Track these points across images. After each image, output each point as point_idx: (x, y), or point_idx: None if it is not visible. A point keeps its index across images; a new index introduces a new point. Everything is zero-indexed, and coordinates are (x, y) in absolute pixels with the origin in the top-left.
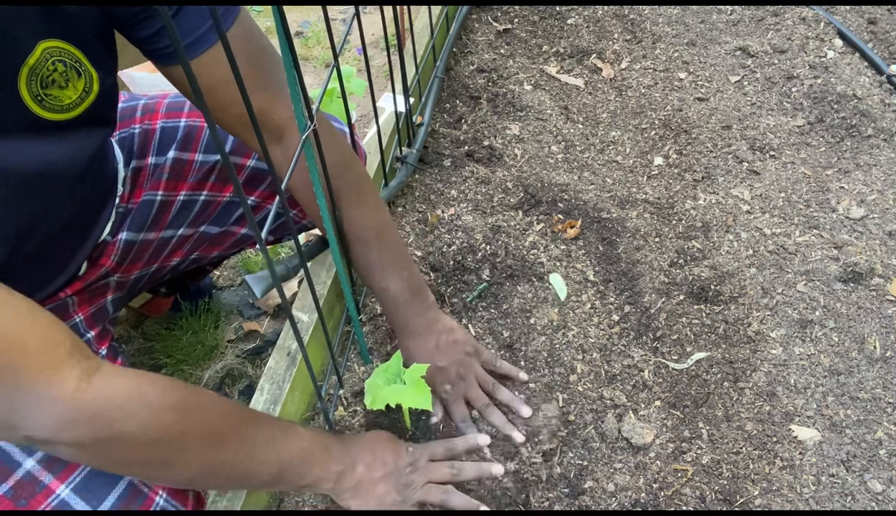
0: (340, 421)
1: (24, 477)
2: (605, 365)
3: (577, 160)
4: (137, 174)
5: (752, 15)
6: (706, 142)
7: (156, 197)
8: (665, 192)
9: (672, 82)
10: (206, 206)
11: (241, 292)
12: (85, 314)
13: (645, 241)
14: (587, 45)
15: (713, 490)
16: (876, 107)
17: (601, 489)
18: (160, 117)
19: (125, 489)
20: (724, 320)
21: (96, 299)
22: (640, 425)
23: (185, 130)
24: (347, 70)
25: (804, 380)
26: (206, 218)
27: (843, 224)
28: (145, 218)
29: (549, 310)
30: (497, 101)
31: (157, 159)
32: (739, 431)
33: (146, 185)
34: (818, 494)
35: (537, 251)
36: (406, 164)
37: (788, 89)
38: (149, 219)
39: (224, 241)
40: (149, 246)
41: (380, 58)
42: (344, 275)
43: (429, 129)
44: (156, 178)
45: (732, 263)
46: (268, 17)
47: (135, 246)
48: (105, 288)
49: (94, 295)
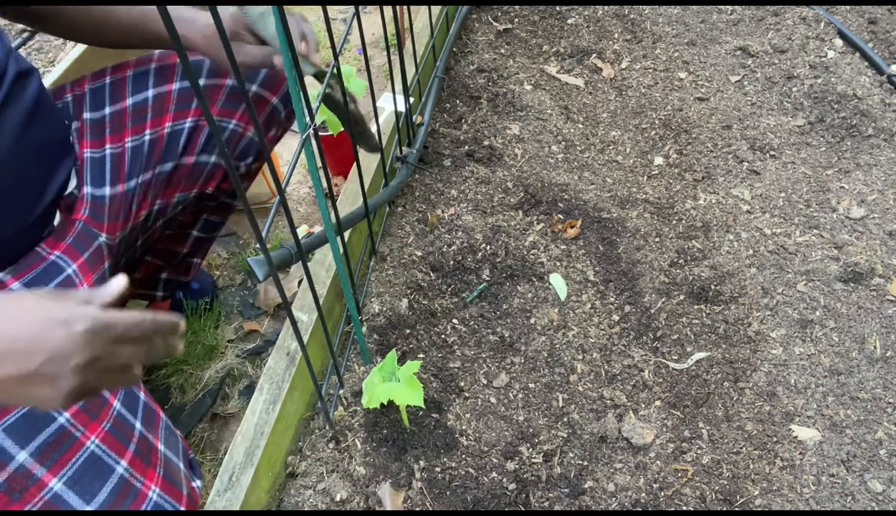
0: (340, 420)
1: (17, 470)
2: (605, 365)
3: (577, 160)
4: (81, 132)
5: (752, 15)
6: (706, 141)
7: (104, 151)
8: (665, 192)
9: (672, 82)
10: (153, 145)
11: (241, 292)
12: (89, 283)
13: (645, 241)
14: (587, 44)
15: (713, 490)
16: (876, 107)
17: (601, 489)
18: (88, 82)
19: (117, 482)
20: (724, 320)
21: (96, 266)
22: (640, 425)
23: (111, 86)
24: (347, 70)
25: (804, 380)
26: (156, 156)
27: (843, 224)
28: (103, 172)
29: (550, 310)
30: (497, 101)
31: (94, 115)
32: (739, 431)
33: (92, 138)
34: (818, 494)
35: (537, 251)
36: (406, 164)
37: (789, 89)
38: (107, 174)
39: (180, 179)
40: (118, 200)
41: (380, 58)
42: (344, 275)
43: (429, 129)
44: (98, 135)
45: (732, 263)
46: None
47: (104, 201)
48: (99, 253)
49: (93, 263)
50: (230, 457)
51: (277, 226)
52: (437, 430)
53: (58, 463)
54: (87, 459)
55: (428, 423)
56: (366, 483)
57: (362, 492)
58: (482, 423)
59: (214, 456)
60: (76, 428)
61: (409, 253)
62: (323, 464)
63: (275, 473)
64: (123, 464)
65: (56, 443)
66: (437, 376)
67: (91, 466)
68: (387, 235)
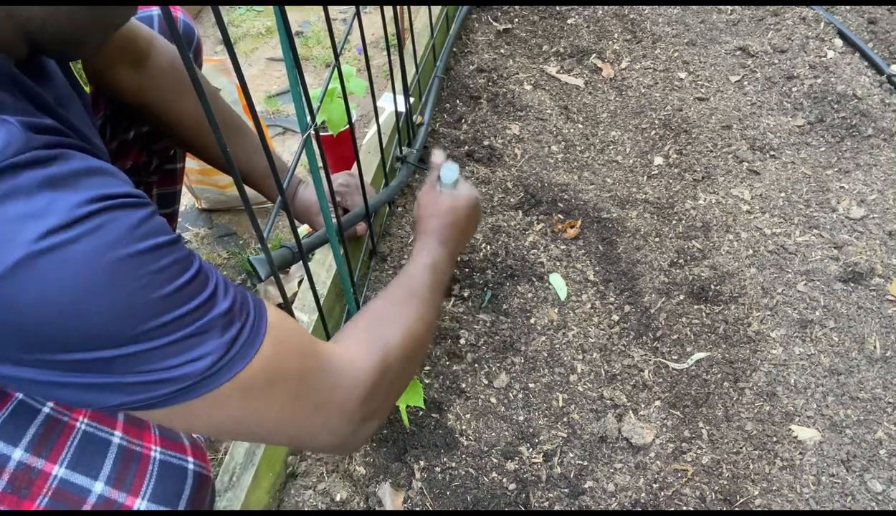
0: None
1: (17, 468)
2: (605, 365)
3: (577, 160)
4: None
5: (752, 15)
6: (706, 142)
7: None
8: (665, 192)
9: (672, 82)
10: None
11: None
12: None
13: (645, 241)
14: (587, 44)
15: (713, 490)
16: (876, 107)
17: (601, 489)
18: None
19: (117, 452)
20: (724, 320)
21: None
22: (640, 425)
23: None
24: (347, 70)
25: (804, 380)
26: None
27: (843, 224)
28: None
29: (549, 310)
30: (497, 101)
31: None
32: (739, 431)
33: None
34: (818, 494)
35: (537, 251)
36: (406, 164)
37: (788, 89)
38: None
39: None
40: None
41: (380, 58)
42: (344, 275)
43: (429, 129)
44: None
45: (732, 263)
46: (268, 16)
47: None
48: None
49: None
50: (230, 458)
51: (277, 226)
52: (437, 430)
53: (54, 451)
54: (81, 439)
55: (428, 423)
56: (366, 483)
57: (362, 492)
58: (482, 423)
59: (214, 456)
60: (62, 414)
61: (409, 253)
62: (323, 464)
63: (275, 473)
64: (118, 434)
65: (47, 433)
66: (437, 376)
67: (87, 445)
68: (387, 235)
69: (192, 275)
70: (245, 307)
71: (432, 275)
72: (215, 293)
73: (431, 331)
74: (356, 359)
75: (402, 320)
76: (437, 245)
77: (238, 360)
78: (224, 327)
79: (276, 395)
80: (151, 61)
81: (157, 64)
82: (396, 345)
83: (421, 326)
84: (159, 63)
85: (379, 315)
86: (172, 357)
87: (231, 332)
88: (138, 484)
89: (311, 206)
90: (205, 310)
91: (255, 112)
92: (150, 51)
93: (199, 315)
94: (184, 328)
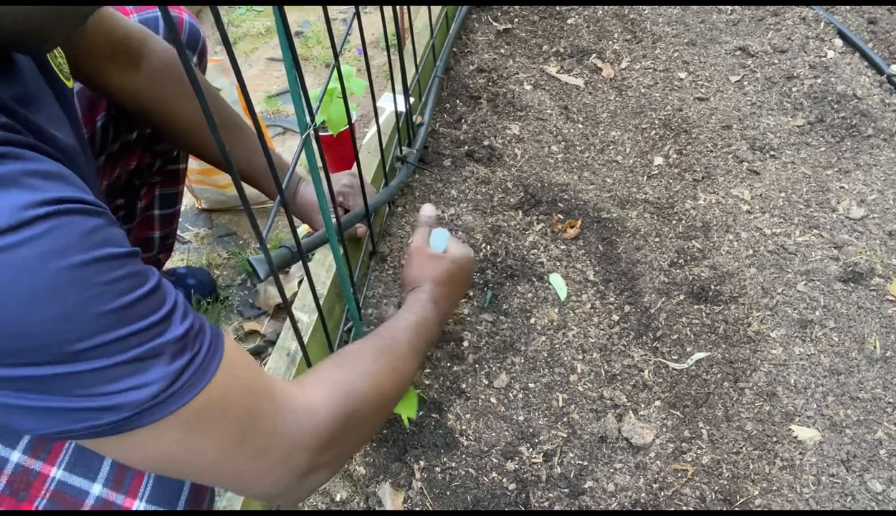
0: None
1: (15, 470)
2: (605, 365)
3: (577, 160)
4: None
5: (752, 15)
6: (706, 142)
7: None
8: (665, 192)
9: (672, 82)
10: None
11: (241, 292)
12: None
13: (645, 241)
14: (587, 44)
15: (713, 490)
16: (876, 107)
17: (601, 489)
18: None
19: None
20: (724, 320)
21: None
22: (640, 425)
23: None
24: (347, 70)
25: (804, 380)
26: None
27: (843, 224)
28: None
29: (549, 310)
30: (497, 101)
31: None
32: (739, 431)
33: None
34: (818, 494)
35: (537, 251)
36: (406, 164)
37: (788, 89)
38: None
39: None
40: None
41: (380, 58)
42: (344, 275)
43: (429, 129)
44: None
45: (732, 263)
46: (268, 16)
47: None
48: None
49: None
50: None
51: (277, 226)
52: (437, 430)
53: (52, 453)
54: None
55: (428, 423)
56: (366, 483)
57: (362, 492)
58: (482, 423)
59: None
60: None
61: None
62: None
63: None
64: None
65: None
66: (437, 377)
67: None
68: (387, 235)
69: (146, 292)
70: (200, 336)
71: (416, 334)
72: (171, 315)
73: (402, 390)
74: (312, 406)
75: (374, 373)
76: (429, 304)
77: (184, 393)
78: (174, 355)
79: (218, 435)
80: (146, 62)
81: (151, 65)
82: (361, 397)
83: (391, 381)
84: (154, 64)
85: (351, 361)
86: (115, 380)
87: (180, 361)
88: (136, 485)
89: (312, 205)
90: (156, 332)
91: (255, 112)
92: (143, 51)
93: (149, 336)
94: (131, 349)
